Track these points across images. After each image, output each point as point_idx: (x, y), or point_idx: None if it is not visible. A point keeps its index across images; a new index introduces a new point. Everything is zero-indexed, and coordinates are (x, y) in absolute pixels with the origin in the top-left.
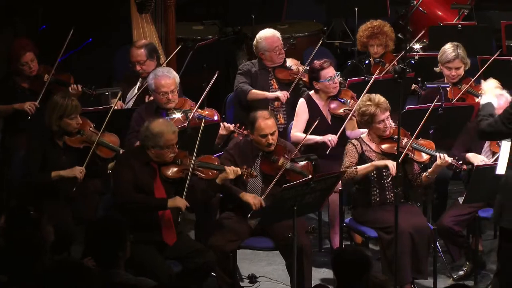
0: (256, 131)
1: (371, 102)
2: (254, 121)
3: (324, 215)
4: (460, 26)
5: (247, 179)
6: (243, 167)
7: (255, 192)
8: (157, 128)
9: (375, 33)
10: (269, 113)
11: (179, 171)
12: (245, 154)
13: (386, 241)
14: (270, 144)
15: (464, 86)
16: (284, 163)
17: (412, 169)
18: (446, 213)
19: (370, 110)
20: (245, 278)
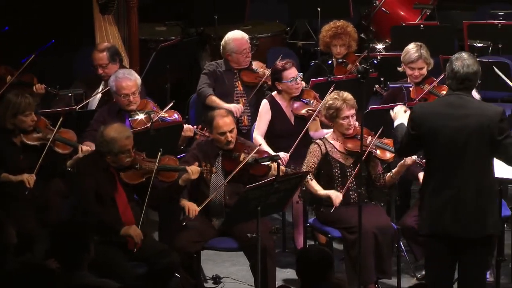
0: (214, 129)
1: (339, 97)
2: (212, 119)
3: (288, 215)
4: (423, 26)
5: (207, 176)
6: (202, 164)
7: (218, 191)
8: (110, 135)
9: (338, 33)
10: (226, 111)
11: (139, 176)
12: (206, 154)
13: (350, 241)
14: (229, 142)
15: (427, 86)
16: (245, 158)
17: (375, 169)
18: (409, 212)
19: (337, 104)
20: (209, 279)
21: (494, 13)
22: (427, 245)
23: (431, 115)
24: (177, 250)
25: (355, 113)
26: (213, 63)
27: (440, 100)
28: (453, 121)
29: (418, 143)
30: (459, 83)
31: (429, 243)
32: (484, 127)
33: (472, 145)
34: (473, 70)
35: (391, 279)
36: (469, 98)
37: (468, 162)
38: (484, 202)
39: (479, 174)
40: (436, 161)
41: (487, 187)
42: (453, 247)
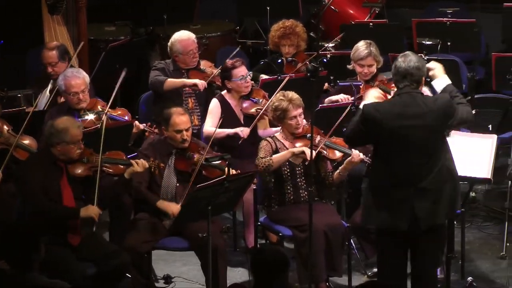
0: (171, 127)
1: (284, 97)
2: (169, 117)
3: (238, 214)
4: (372, 24)
5: (155, 171)
6: (150, 160)
7: (169, 191)
8: (62, 124)
9: (287, 33)
10: (183, 109)
11: (87, 169)
12: (159, 153)
13: (300, 239)
14: (185, 140)
15: (377, 83)
16: (200, 159)
17: (325, 168)
18: (360, 210)
19: (283, 105)
20: (160, 279)
21: (442, 11)
22: (379, 241)
23: (386, 118)
24: (128, 250)
25: (303, 112)
26: (162, 62)
27: (392, 100)
28: (410, 120)
29: (367, 139)
30: (402, 77)
31: (380, 239)
32: (439, 120)
33: (430, 139)
34: (415, 65)
35: (342, 277)
36: (420, 95)
37: (421, 157)
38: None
39: (433, 167)
40: (391, 159)
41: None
42: (404, 242)
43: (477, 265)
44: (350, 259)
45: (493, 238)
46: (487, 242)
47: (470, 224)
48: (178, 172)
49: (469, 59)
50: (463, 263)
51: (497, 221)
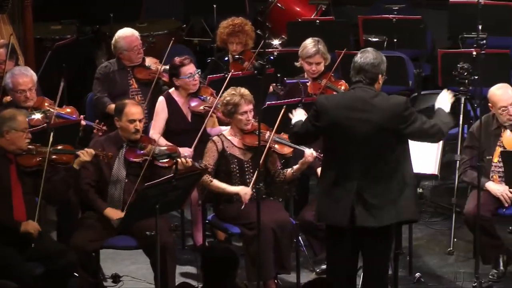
0: (124, 116)
1: (236, 92)
2: (123, 107)
3: (186, 212)
4: (318, 21)
5: (104, 159)
6: (97, 149)
7: (118, 183)
8: (9, 113)
9: (236, 31)
10: (136, 102)
11: (36, 160)
12: (109, 148)
13: (249, 237)
14: (138, 131)
15: (324, 81)
16: (152, 149)
17: (274, 165)
18: (308, 207)
19: (235, 100)
20: (108, 278)
21: (388, 8)
22: (327, 237)
23: (334, 107)
24: (75, 249)
25: (253, 109)
26: (106, 64)
27: (345, 93)
28: (357, 113)
29: (316, 135)
30: (356, 73)
31: (328, 235)
32: (388, 119)
33: (376, 137)
34: (370, 61)
35: (290, 274)
36: (373, 91)
37: (371, 154)
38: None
39: (383, 165)
40: (337, 153)
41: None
42: (352, 238)
43: (424, 261)
44: (299, 256)
45: (441, 234)
46: (434, 238)
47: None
48: (128, 165)
49: (416, 56)
50: (411, 259)
51: (444, 217)
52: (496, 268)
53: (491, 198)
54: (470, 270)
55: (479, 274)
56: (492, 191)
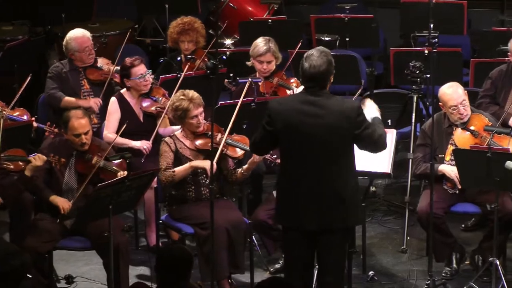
0: (69, 130)
1: (185, 97)
2: (67, 120)
3: (140, 213)
4: (270, 21)
5: (56, 165)
6: (50, 155)
7: (70, 192)
8: None
9: (186, 29)
10: (82, 112)
11: None
12: (59, 153)
13: (202, 237)
14: (84, 144)
15: (276, 79)
16: (97, 162)
17: (227, 165)
18: (261, 207)
19: (184, 105)
20: (61, 279)
21: (340, 7)
22: (285, 237)
23: (287, 111)
24: (28, 251)
25: (203, 110)
26: (58, 64)
27: (297, 96)
28: (310, 117)
29: (273, 140)
30: (307, 81)
31: (285, 235)
32: (341, 124)
33: (329, 141)
34: (319, 70)
35: (244, 273)
36: (326, 94)
37: (325, 158)
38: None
39: (337, 169)
40: (292, 157)
41: (345, 182)
42: (308, 239)
43: (378, 259)
44: (252, 255)
45: (394, 232)
46: (387, 236)
47: (371, 218)
48: (78, 174)
49: (368, 55)
50: (365, 258)
51: (397, 215)
52: (449, 265)
53: (443, 196)
54: (423, 268)
55: (432, 272)
56: (446, 172)
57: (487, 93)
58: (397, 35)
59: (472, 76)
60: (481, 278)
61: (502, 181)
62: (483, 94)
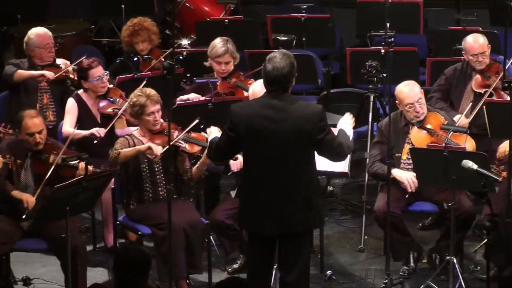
0: (23, 130)
1: (142, 93)
2: (21, 120)
3: (97, 214)
4: (227, 21)
5: (13, 167)
6: (6, 157)
7: (28, 192)
8: None
9: (136, 30)
10: (36, 112)
11: None
12: (15, 154)
13: (160, 237)
14: (38, 143)
15: (234, 80)
16: (54, 160)
17: (183, 164)
18: (218, 207)
19: (141, 101)
20: (19, 281)
21: (297, 7)
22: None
23: (250, 116)
24: None
25: (160, 109)
26: (17, 60)
27: (260, 100)
28: (273, 122)
29: (236, 145)
30: (270, 84)
31: (250, 238)
32: (303, 128)
33: (292, 145)
34: (282, 73)
35: (202, 274)
36: (289, 98)
37: (288, 163)
38: (305, 200)
39: (300, 174)
40: (255, 162)
41: (308, 186)
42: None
43: (336, 259)
44: (210, 255)
45: (351, 231)
46: (345, 235)
47: (328, 218)
48: (35, 174)
49: (324, 54)
50: (322, 257)
51: (355, 214)
52: (407, 264)
53: (401, 195)
54: (381, 267)
55: (390, 271)
56: (397, 176)
57: (440, 88)
58: (353, 34)
59: (429, 75)
60: (439, 276)
61: (459, 180)
62: (436, 88)
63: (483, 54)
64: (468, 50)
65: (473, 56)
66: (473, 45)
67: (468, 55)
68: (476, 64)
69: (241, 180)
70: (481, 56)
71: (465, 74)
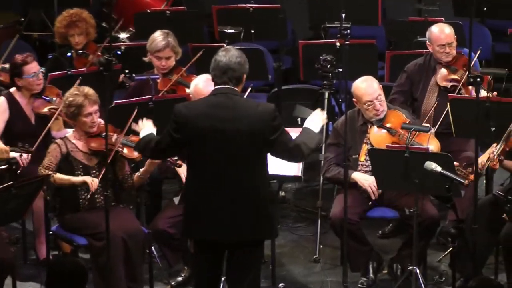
0: None
1: (79, 92)
2: None
3: (28, 223)
4: (169, 12)
5: None
6: None
7: None
8: None
9: (74, 21)
10: None
11: None
12: None
13: (97, 248)
14: None
15: (175, 76)
16: None
17: (123, 170)
18: (160, 215)
19: (78, 100)
20: None
21: None
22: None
23: (197, 117)
24: None
25: (98, 109)
26: None
27: (207, 99)
28: (222, 122)
29: (178, 147)
30: (222, 73)
31: (196, 247)
32: (255, 129)
33: (243, 147)
34: (237, 60)
35: (143, 287)
36: (239, 97)
37: (239, 166)
38: (256, 206)
39: (252, 178)
40: (202, 165)
41: (260, 191)
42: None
43: (289, 270)
44: (152, 268)
45: (305, 240)
46: (299, 244)
47: (281, 226)
48: None
49: (275, 48)
50: (274, 268)
51: (309, 221)
52: (366, 275)
53: (358, 200)
54: (338, 279)
55: (348, 283)
56: (359, 181)
57: (401, 89)
58: (306, 26)
59: (388, 69)
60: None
61: (422, 183)
62: (397, 90)
63: (451, 45)
64: (434, 41)
65: (440, 47)
66: (440, 35)
67: (434, 46)
68: (443, 55)
69: (186, 185)
70: (449, 47)
71: (428, 68)
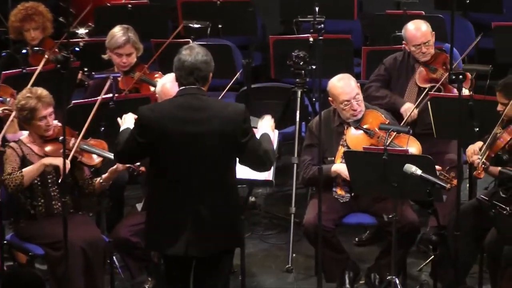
0: None
1: (32, 94)
2: None
3: None
4: (131, 6)
5: None
6: None
7: None
8: None
9: (30, 14)
10: None
11: None
12: None
13: (54, 258)
14: None
15: (138, 74)
16: None
17: (82, 175)
18: (122, 222)
19: (31, 103)
20: None
21: None
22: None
23: (162, 119)
24: None
25: (53, 111)
26: None
27: (174, 101)
28: (189, 125)
29: (143, 152)
30: (188, 73)
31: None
32: (225, 131)
33: (212, 151)
34: (203, 59)
35: None
36: (207, 98)
37: (207, 171)
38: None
39: (222, 184)
40: (168, 171)
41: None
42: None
43: (260, 281)
44: (114, 279)
45: (277, 248)
46: (270, 253)
47: (251, 233)
48: None
49: (244, 44)
50: (244, 279)
51: (281, 228)
52: (342, 286)
53: (334, 206)
54: None
55: None
56: (342, 173)
57: (379, 77)
58: (277, 20)
59: (364, 66)
60: None
61: (401, 187)
62: (374, 78)
63: (427, 44)
64: (410, 40)
65: (416, 47)
66: (415, 34)
67: (410, 46)
68: (420, 55)
69: (150, 191)
70: (425, 47)
71: (407, 66)
